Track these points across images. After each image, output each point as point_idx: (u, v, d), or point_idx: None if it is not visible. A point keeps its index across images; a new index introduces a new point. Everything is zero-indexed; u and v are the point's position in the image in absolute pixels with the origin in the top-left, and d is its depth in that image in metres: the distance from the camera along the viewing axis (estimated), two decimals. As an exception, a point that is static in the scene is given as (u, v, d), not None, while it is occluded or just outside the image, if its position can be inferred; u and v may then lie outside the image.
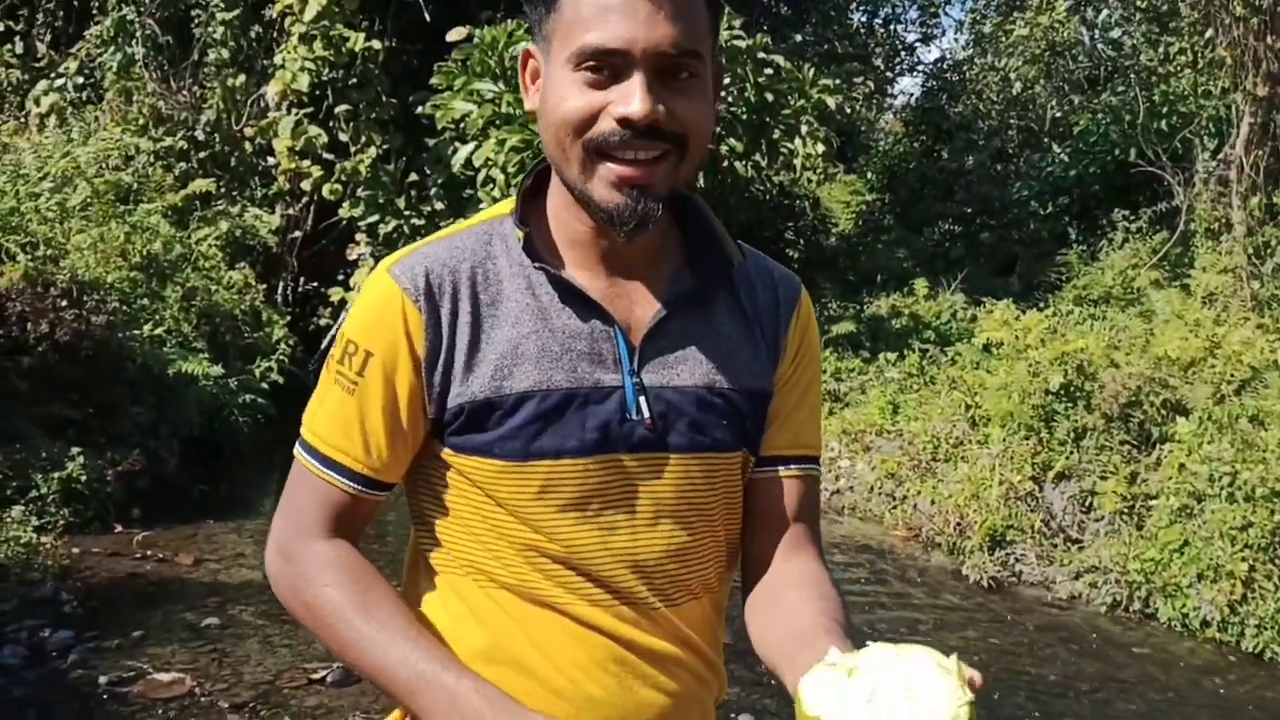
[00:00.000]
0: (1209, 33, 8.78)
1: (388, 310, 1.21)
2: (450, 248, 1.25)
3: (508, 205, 1.29)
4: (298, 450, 1.26)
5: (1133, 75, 11.22)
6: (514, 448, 1.20)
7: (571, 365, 1.22)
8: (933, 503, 6.85)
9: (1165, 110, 10.25)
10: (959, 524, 6.55)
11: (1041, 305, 8.68)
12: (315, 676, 4.32)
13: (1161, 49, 10.67)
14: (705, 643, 1.32)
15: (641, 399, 1.23)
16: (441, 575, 1.28)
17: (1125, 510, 6.12)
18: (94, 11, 10.81)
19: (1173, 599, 5.65)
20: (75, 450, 5.91)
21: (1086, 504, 6.37)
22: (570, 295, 1.23)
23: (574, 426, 1.21)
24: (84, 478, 5.84)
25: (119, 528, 5.90)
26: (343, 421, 1.22)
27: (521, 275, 1.24)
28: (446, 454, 1.24)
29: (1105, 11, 11.79)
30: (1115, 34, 12.42)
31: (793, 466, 1.34)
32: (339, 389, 1.22)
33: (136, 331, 6.90)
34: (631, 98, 1.14)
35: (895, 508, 7.22)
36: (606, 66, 1.14)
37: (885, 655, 0.96)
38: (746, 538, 1.36)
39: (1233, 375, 6.36)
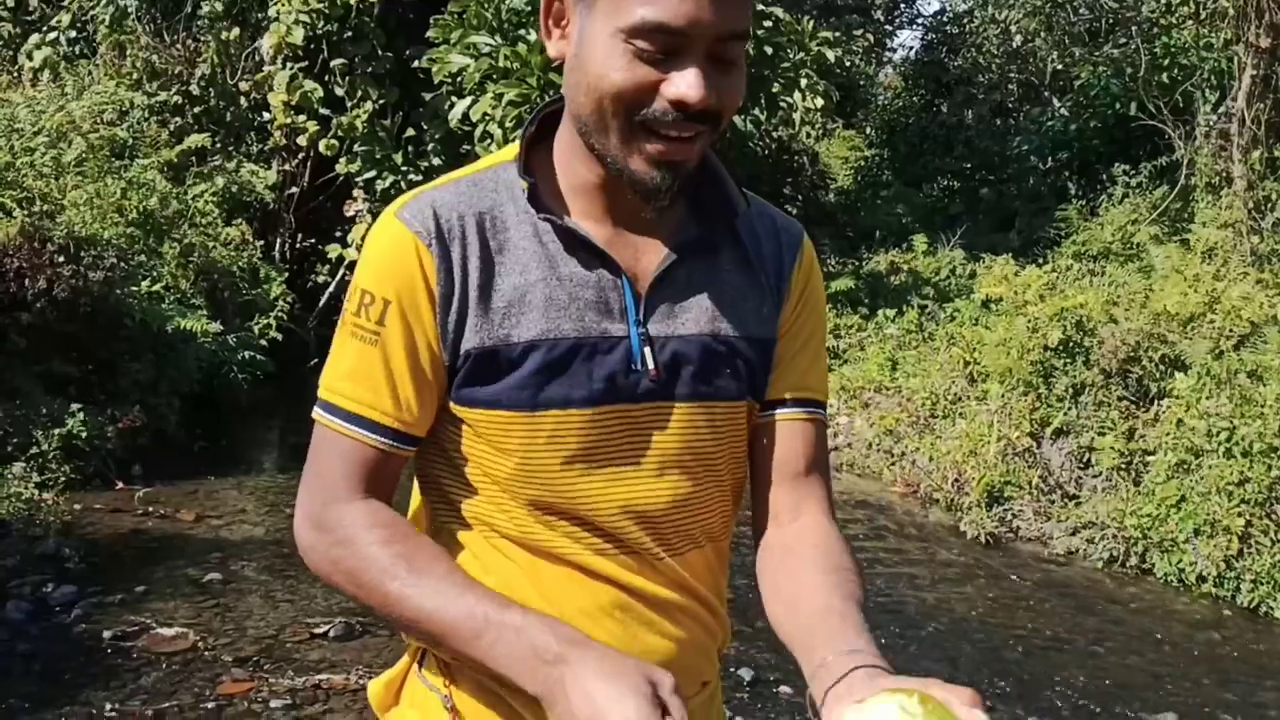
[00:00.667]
0: (1212, -16, 8.72)
1: (401, 254, 1.18)
2: (457, 192, 1.23)
3: (511, 152, 1.26)
4: (319, 413, 1.22)
5: (1134, 27, 11.11)
6: (522, 397, 1.19)
7: (579, 314, 1.20)
8: (931, 459, 6.88)
9: (1167, 63, 10.17)
10: (957, 480, 6.58)
11: (1041, 261, 8.67)
12: (318, 631, 4.35)
13: (1163, 0, 10.57)
14: (709, 591, 1.33)
15: (647, 349, 1.23)
16: (446, 531, 1.28)
17: (1123, 466, 6.14)
18: (86, -37, 10.69)
19: (1169, 554, 5.69)
20: (75, 407, 5.92)
21: (1084, 460, 6.39)
22: (577, 244, 1.22)
23: (581, 376, 1.20)
24: (84, 434, 5.85)
25: (120, 484, 5.92)
26: (367, 375, 1.19)
27: (528, 223, 1.22)
28: (454, 408, 1.22)
29: (1108, -37, 11.67)
30: (1117, -15, 12.32)
31: (795, 409, 1.33)
32: (358, 342, 1.19)
33: (134, 288, 6.89)
34: (690, 83, 1.10)
35: (894, 464, 7.24)
36: (661, 43, 1.09)
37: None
38: (755, 487, 1.35)
39: (1231, 330, 6.36)
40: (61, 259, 6.25)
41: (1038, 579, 5.75)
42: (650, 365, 1.23)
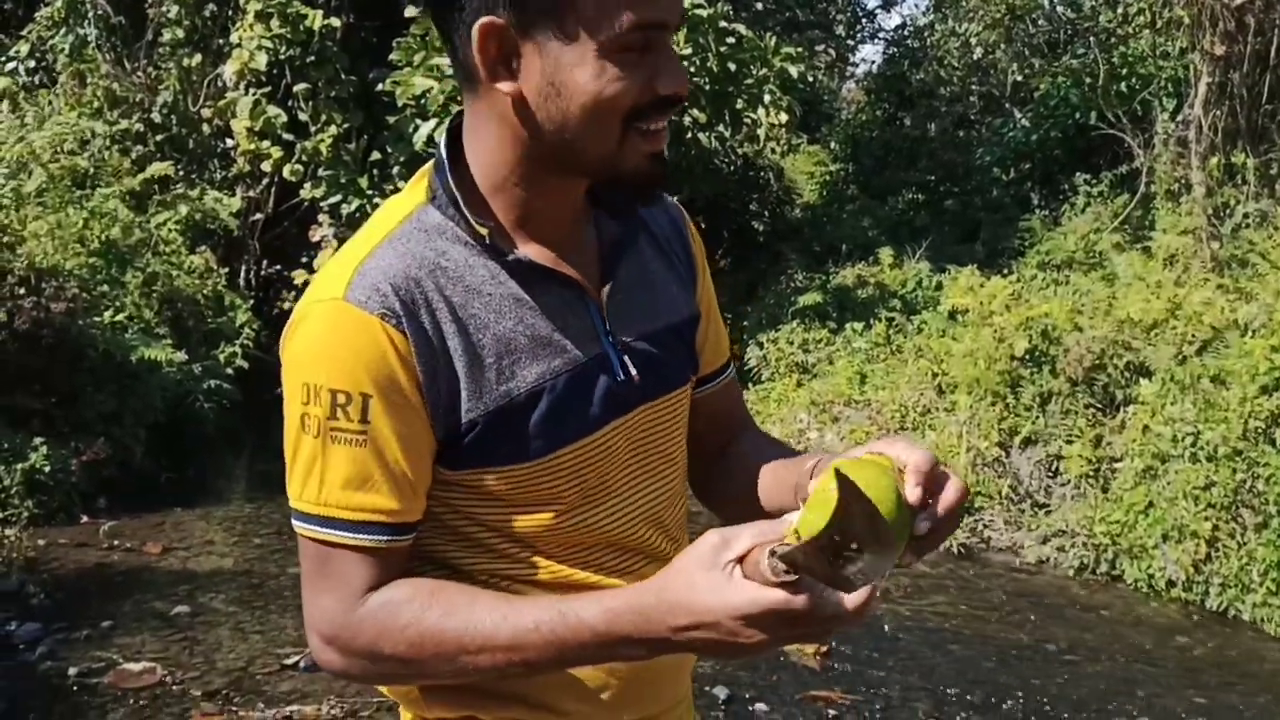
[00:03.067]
0: (1167, -7, 8.83)
1: (366, 341, 1.10)
2: (395, 254, 1.14)
3: (412, 196, 1.21)
4: (310, 528, 1.13)
5: (1092, 38, 11.23)
6: (539, 446, 1.17)
7: (562, 346, 1.19)
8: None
9: (1125, 72, 10.28)
10: (928, 491, 6.58)
11: (1006, 271, 8.72)
12: (288, 662, 4.32)
13: (1120, 9, 10.69)
14: None
15: (626, 358, 1.24)
16: None
17: (1091, 473, 6.19)
18: (44, -8, 10.63)
19: (1138, 560, 5.72)
20: (38, 440, 5.86)
21: (1053, 468, 6.43)
22: (536, 275, 1.19)
23: (583, 405, 1.21)
24: (48, 468, 5.80)
25: (85, 518, 5.87)
26: (362, 479, 1.11)
27: (480, 266, 1.17)
28: (461, 476, 1.17)
29: (1064, -26, 11.82)
30: (1074, -4, 12.47)
31: (725, 374, 1.46)
32: (343, 447, 1.10)
33: (97, 318, 6.84)
34: (677, 75, 1.12)
35: (864, 476, 7.25)
36: (643, 41, 1.10)
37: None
38: (696, 445, 1.41)
39: (1194, 336, 6.42)
40: (22, 291, 6.20)
41: (1010, 588, 5.77)
42: (633, 372, 1.25)
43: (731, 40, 8.92)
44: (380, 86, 8.88)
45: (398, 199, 1.23)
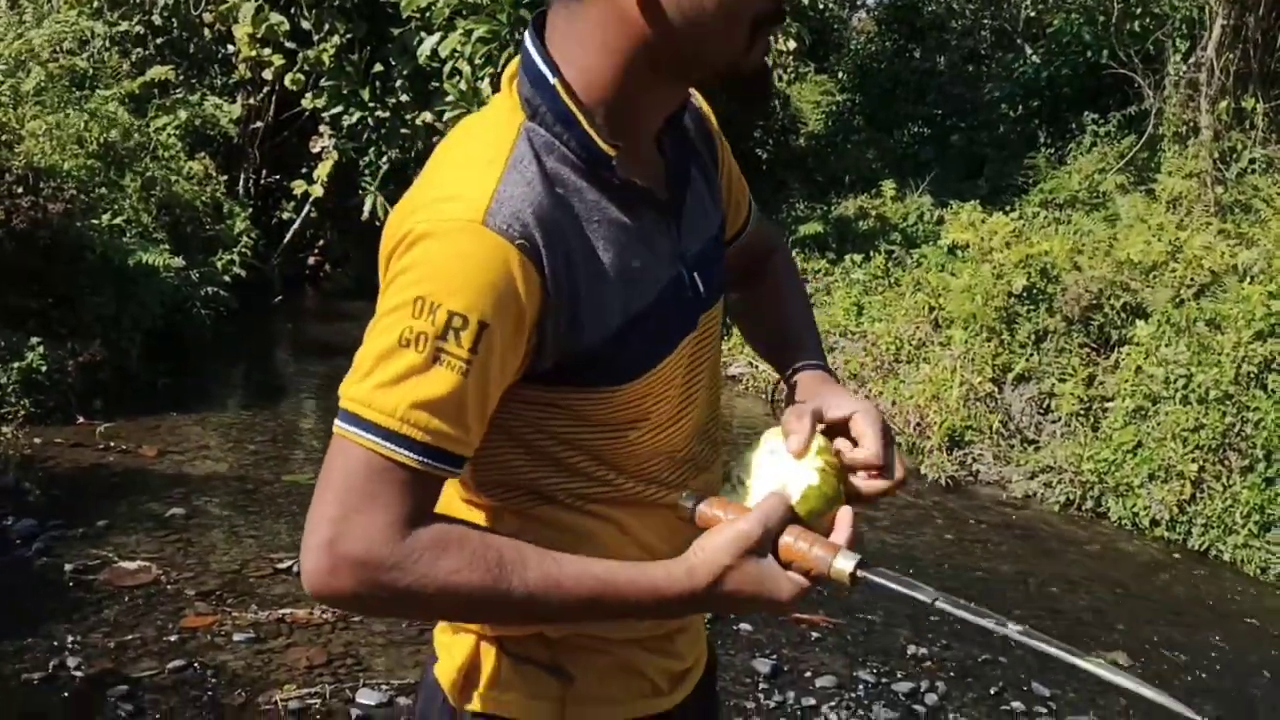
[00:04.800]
0: (1186, -68, 8.70)
1: (500, 271, 1.06)
2: (524, 181, 1.10)
3: (509, 113, 1.17)
4: (371, 439, 1.06)
5: (1109, -26, 11.08)
6: (635, 368, 1.19)
7: (655, 270, 1.21)
8: (894, 403, 6.94)
9: (1139, 11, 10.14)
10: (919, 424, 6.64)
11: (1008, 208, 8.69)
12: (281, 566, 4.37)
13: (1138, -51, 10.52)
14: None
15: (696, 274, 1.26)
16: (520, 514, 1.24)
17: (1082, 412, 6.23)
18: (44, -113, 10.40)
19: (1124, 498, 5.79)
20: (35, 340, 5.86)
21: (1045, 405, 6.47)
22: (636, 196, 1.19)
23: (669, 325, 1.23)
24: (44, 368, 5.81)
25: (81, 419, 5.88)
26: (453, 406, 1.06)
27: (589, 190, 1.15)
28: (556, 396, 1.17)
29: (1084, -93, 11.58)
30: (1092, -68, 12.24)
31: (750, 223, 1.52)
32: (444, 370, 1.05)
33: (95, 221, 6.80)
34: None
35: (857, 407, 7.29)
36: None
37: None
38: (739, 270, 1.52)
39: (1192, 279, 6.43)
40: (20, 190, 6.17)
41: (995, 521, 5.84)
42: (700, 287, 1.27)
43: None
44: (385, -3, 8.77)
45: (492, 116, 1.20)
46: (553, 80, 1.14)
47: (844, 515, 1.17)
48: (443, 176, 1.13)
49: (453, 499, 1.27)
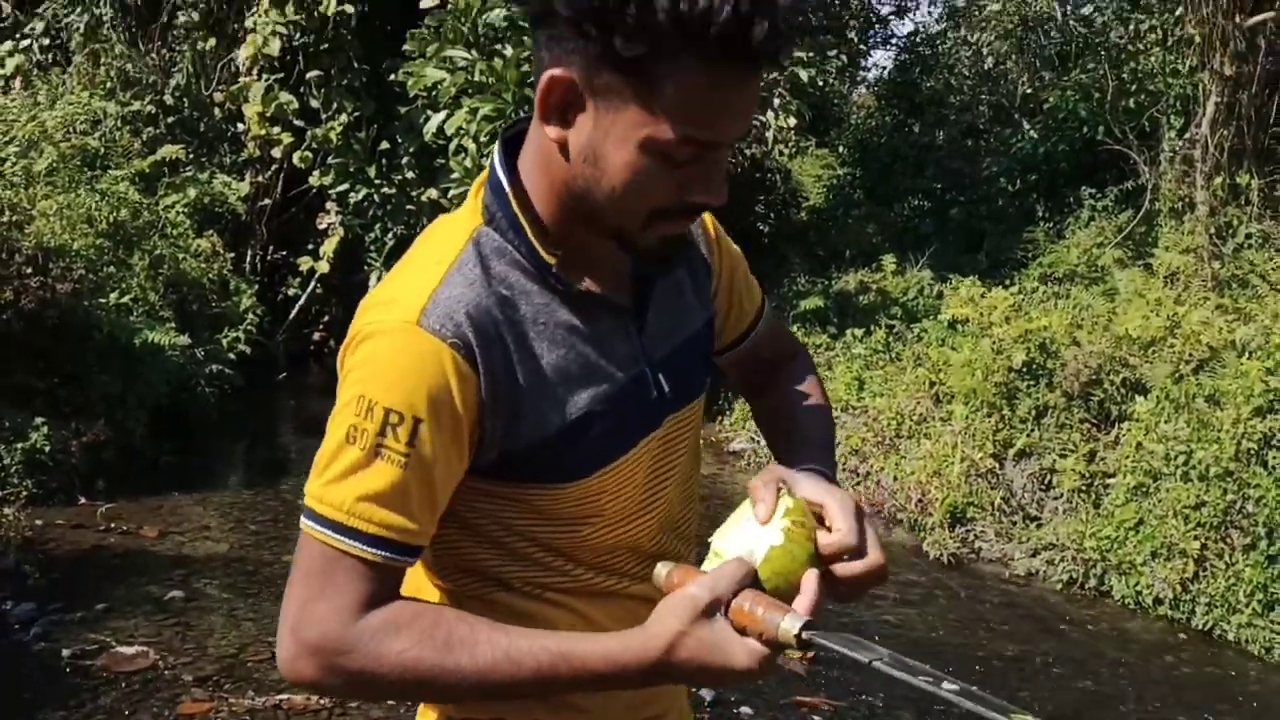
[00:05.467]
0: (1178, 10, 8.83)
1: (432, 369, 1.12)
2: (465, 282, 1.16)
3: (469, 216, 1.24)
4: (324, 532, 1.12)
5: (1103, 52, 11.24)
6: (586, 466, 1.22)
7: (608, 371, 1.23)
8: (895, 479, 6.94)
9: (1134, 88, 10.30)
10: (921, 500, 6.63)
11: (1007, 282, 8.75)
12: (279, 650, 4.35)
13: (1131, 26, 10.69)
14: None
15: (661, 376, 1.29)
16: (479, 600, 1.26)
17: (1083, 488, 6.22)
18: (60, -29, 10.65)
19: (1127, 576, 5.76)
20: (39, 420, 5.89)
21: (1046, 482, 6.47)
22: (588, 301, 1.23)
23: (625, 425, 1.25)
24: (48, 448, 5.84)
25: (83, 499, 5.90)
26: (396, 498, 1.12)
27: (537, 293, 1.20)
28: (506, 490, 1.21)
29: (1077, -13, 11.82)
30: (1086, 10, 12.46)
31: (755, 330, 1.53)
32: (385, 464, 1.11)
33: (103, 300, 6.87)
34: (714, 188, 1.15)
35: (859, 484, 7.29)
36: (693, 153, 1.12)
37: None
38: (747, 380, 1.59)
39: (1191, 355, 6.45)
40: (29, 270, 6.24)
41: (998, 600, 5.81)
42: (665, 387, 1.29)
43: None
44: (392, 76, 8.92)
45: (453, 219, 1.26)
46: (507, 188, 1.21)
47: (808, 579, 1.15)
48: (395, 278, 1.21)
49: (424, 581, 1.32)
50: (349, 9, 9.38)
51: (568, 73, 1.10)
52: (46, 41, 10.56)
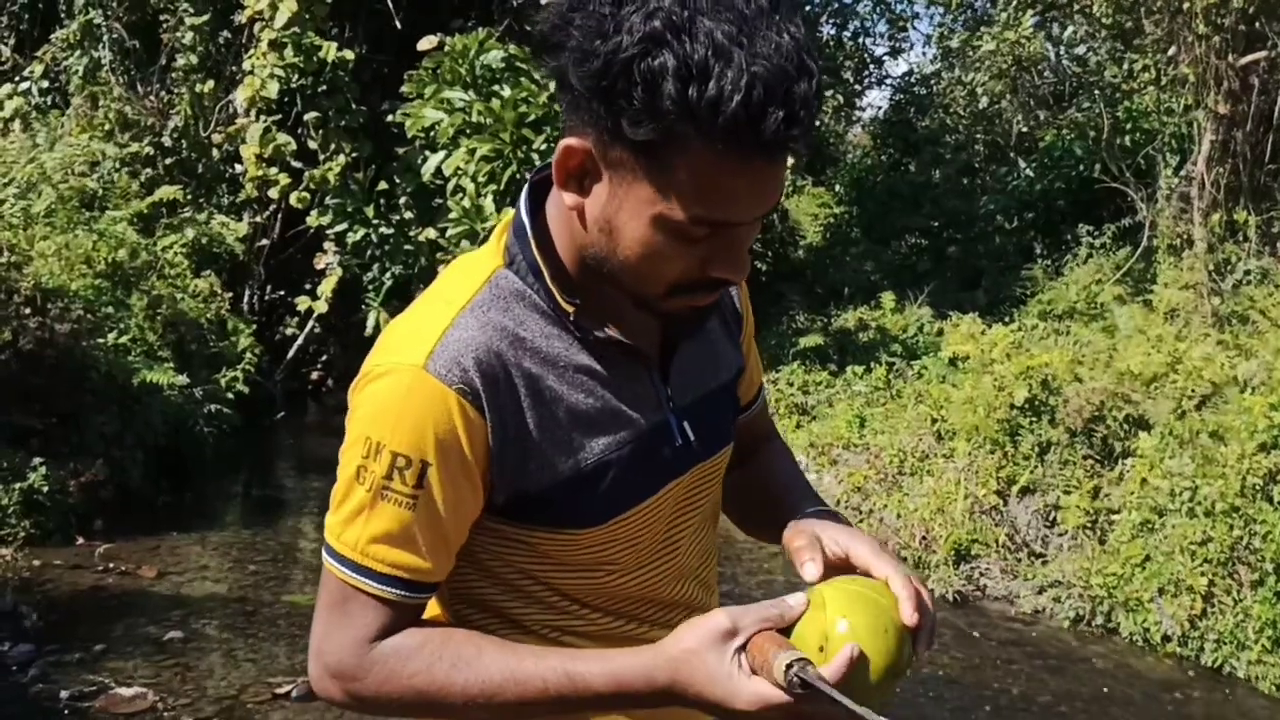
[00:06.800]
0: (1171, 50, 8.89)
1: (440, 414, 1.11)
2: (478, 324, 1.15)
3: (490, 258, 1.22)
4: (340, 569, 1.15)
5: (1097, 91, 11.33)
6: (601, 514, 1.20)
7: (628, 417, 1.21)
8: (899, 516, 6.89)
9: (1129, 127, 10.37)
10: (924, 538, 6.59)
11: (1007, 319, 8.75)
12: (280, 691, 4.30)
13: (1125, 66, 10.77)
14: None
15: (686, 424, 1.27)
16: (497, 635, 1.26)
17: (1088, 525, 6.18)
18: (60, 14, 10.72)
19: (1134, 613, 5.71)
20: (37, 460, 5.85)
21: (1050, 518, 6.43)
22: (609, 348, 1.20)
23: (644, 472, 1.23)
24: (45, 489, 5.79)
25: (81, 540, 5.84)
26: (405, 540, 1.14)
27: (556, 337, 1.18)
28: (519, 532, 1.20)
29: (1070, 28, 11.89)
30: (1080, 50, 12.55)
31: (759, 400, 1.52)
32: (391, 506, 1.12)
33: (101, 340, 6.85)
34: (735, 263, 1.11)
35: (861, 521, 7.24)
36: (711, 230, 1.08)
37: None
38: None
39: (1193, 390, 6.43)
40: (28, 311, 6.22)
41: (1004, 638, 5.76)
42: (690, 436, 1.27)
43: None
44: (390, 117, 8.96)
45: (475, 257, 1.24)
46: (529, 233, 1.19)
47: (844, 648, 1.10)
48: (411, 315, 1.20)
49: (443, 612, 1.31)
50: (348, 54, 9.43)
51: (584, 142, 1.08)
52: (45, 84, 10.61)
